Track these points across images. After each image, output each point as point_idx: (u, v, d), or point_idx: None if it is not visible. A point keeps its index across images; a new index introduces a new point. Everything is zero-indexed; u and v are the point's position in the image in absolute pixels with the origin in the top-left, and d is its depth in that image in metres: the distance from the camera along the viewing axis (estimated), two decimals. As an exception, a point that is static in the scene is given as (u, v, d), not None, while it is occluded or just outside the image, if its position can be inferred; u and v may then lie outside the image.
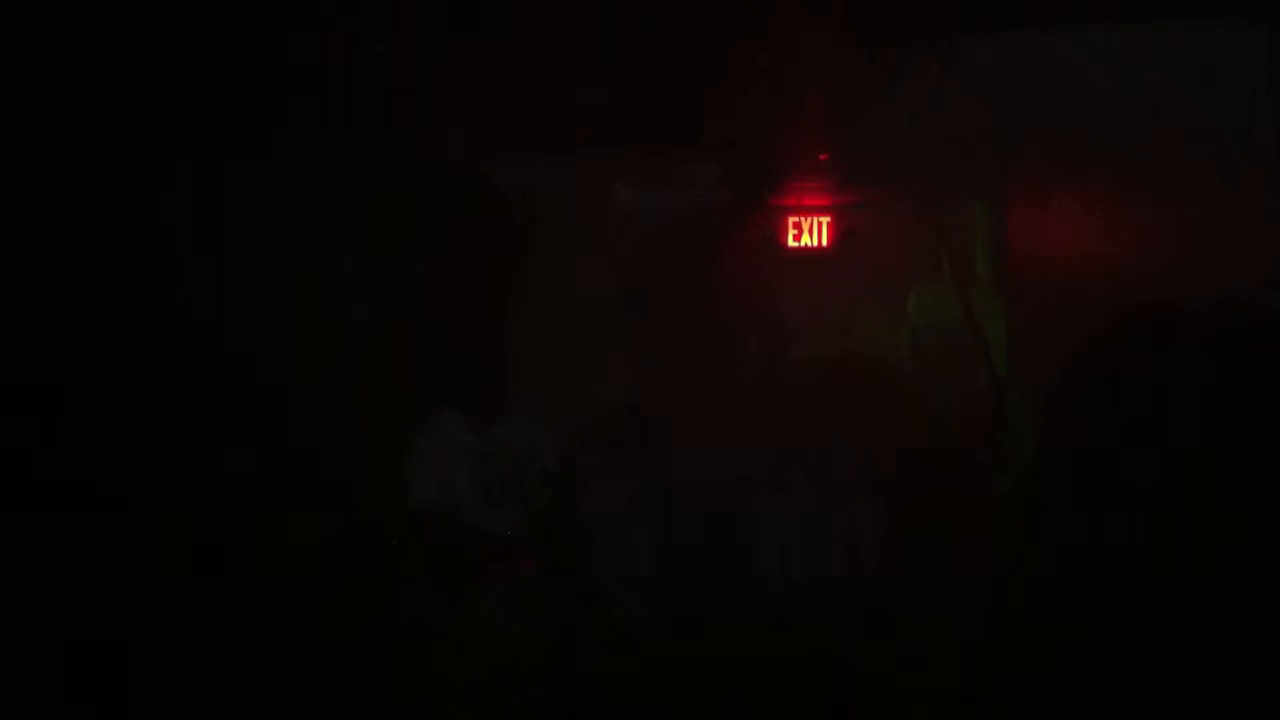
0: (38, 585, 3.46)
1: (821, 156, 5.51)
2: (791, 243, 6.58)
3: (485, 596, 3.91)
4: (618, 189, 5.72)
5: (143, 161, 3.87)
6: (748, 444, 4.90)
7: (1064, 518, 3.38)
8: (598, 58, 3.95)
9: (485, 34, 3.85)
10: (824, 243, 6.53)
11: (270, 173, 4.22)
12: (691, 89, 4.14)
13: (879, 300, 6.28)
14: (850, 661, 3.85)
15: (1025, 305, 5.28)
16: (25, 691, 3.39)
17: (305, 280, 4.40)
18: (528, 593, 3.93)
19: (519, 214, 5.49)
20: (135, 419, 3.76)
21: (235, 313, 4.14)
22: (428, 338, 4.71)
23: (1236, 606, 3.15)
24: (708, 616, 4.19)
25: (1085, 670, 3.31)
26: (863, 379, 5.28)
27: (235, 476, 3.99)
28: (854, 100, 4.42)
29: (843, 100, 4.42)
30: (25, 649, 3.40)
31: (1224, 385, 3.22)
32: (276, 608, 3.92)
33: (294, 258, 4.35)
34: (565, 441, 4.24)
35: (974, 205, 6.01)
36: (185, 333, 3.99)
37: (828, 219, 6.57)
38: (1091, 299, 4.30)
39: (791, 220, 6.61)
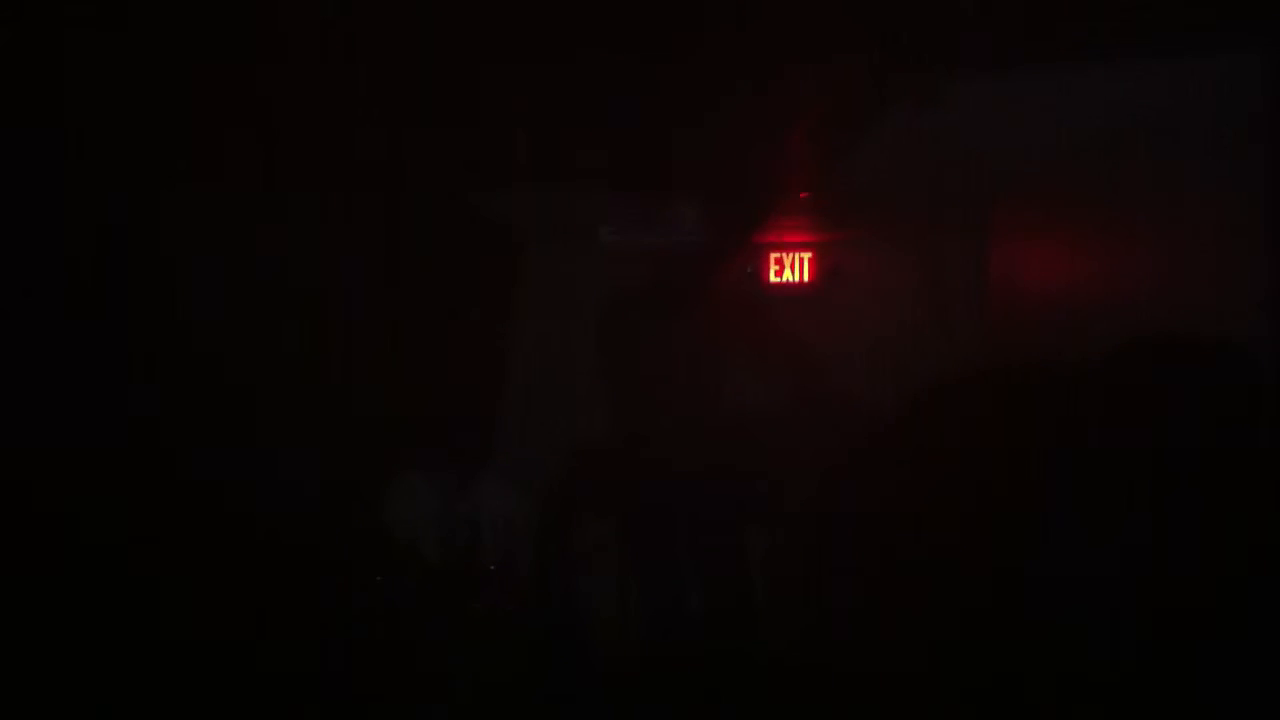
0: (28, 589, 3.48)
1: (802, 194, 5.51)
2: (773, 279, 6.57)
3: (465, 628, 3.91)
4: (600, 229, 5.70)
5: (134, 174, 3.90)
6: (731, 478, 4.88)
7: (1064, 529, 3.40)
8: (577, 97, 3.97)
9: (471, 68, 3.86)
10: (805, 278, 6.52)
11: (258, 197, 4.23)
12: (671, 128, 4.16)
13: (861, 335, 6.24)
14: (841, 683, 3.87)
15: (1007, 339, 5.27)
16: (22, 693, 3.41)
17: (294, 303, 4.40)
18: (507, 626, 3.93)
19: (509, 250, 5.48)
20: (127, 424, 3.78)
21: (225, 328, 4.15)
22: (413, 370, 4.69)
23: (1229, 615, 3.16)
24: (689, 648, 4.18)
25: (1084, 673, 3.31)
26: (846, 413, 5.26)
27: (223, 487, 4.00)
28: (834, 137, 4.43)
29: (823, 137, 4.44)
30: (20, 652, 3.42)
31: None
32: (264, 615, 3.93)
33: (284, 279, 4.35)
34: (543, 490, 4.25)
35: (956, 240, 5.98)
36: (177, 343, 4.00)
37: (809, 255, 6.56)
38: (1075, 332, 4.30)
39: (773, 256, 6.60)
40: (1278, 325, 3.54)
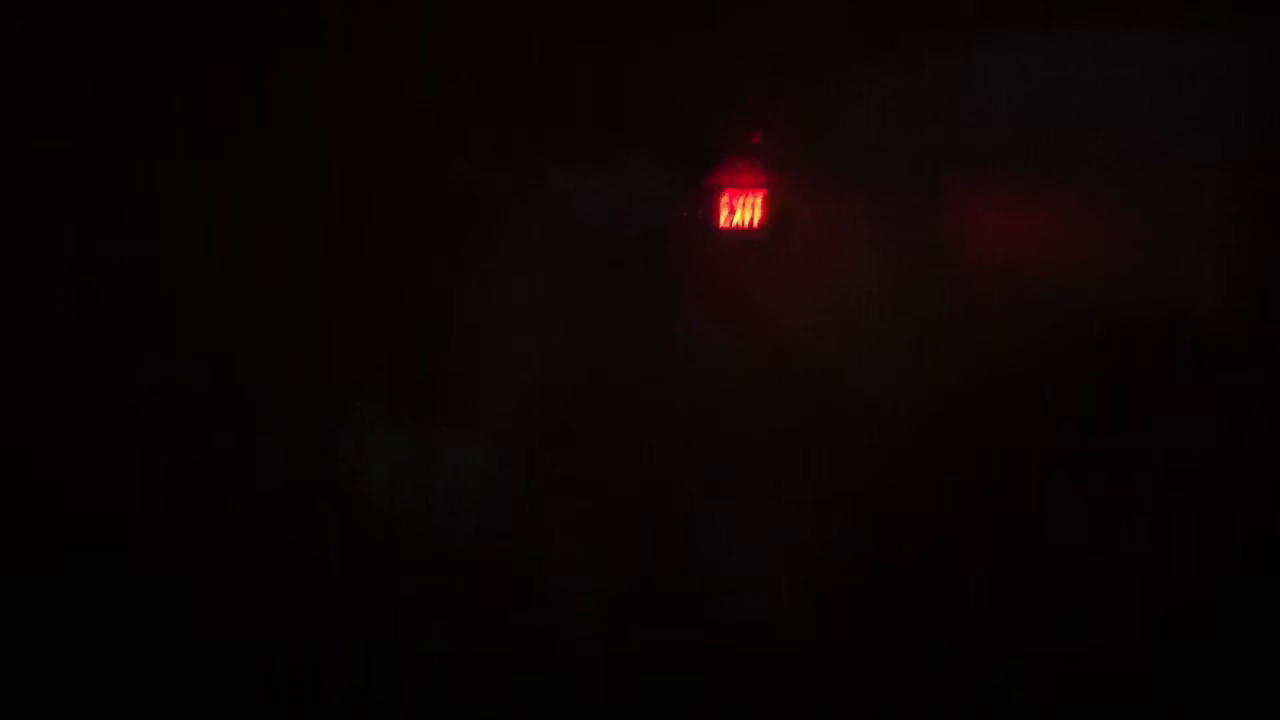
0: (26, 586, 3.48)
1: (755, 139, 5.51)
2: (724, 221, 6.56)
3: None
4: (555, 181, 5.65)
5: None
6: (696, 445, 4.88)
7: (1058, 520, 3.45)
8: (535, 48, 3.92)
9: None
10: (757, 221, 6.51)
11: (230, 169, 4.20)
12: (627, 76, 4.13)
13: (813, 282, 6.25)
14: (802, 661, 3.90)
15: (971, 301, 5.30)
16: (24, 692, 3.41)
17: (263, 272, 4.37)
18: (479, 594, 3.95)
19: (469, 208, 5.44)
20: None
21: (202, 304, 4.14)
22: (373, 334, 4.67)
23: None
24: (657, 626, 4.20)
25: (1085, 677, 3.38)
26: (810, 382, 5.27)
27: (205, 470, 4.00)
28: (793, 87, 4.42)
29: (780, 85, 4.42)
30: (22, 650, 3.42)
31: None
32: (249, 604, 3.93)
33: (252, 249, 4.32)
34: (509, 450, 4.23)
35: (917, 197, 5.98)
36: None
37: (761, 197, 6.55)
38: (1040, 298, 4.33)
39: (724, 199, 6.58)
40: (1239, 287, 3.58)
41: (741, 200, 6.39)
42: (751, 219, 6.35)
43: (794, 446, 4.67)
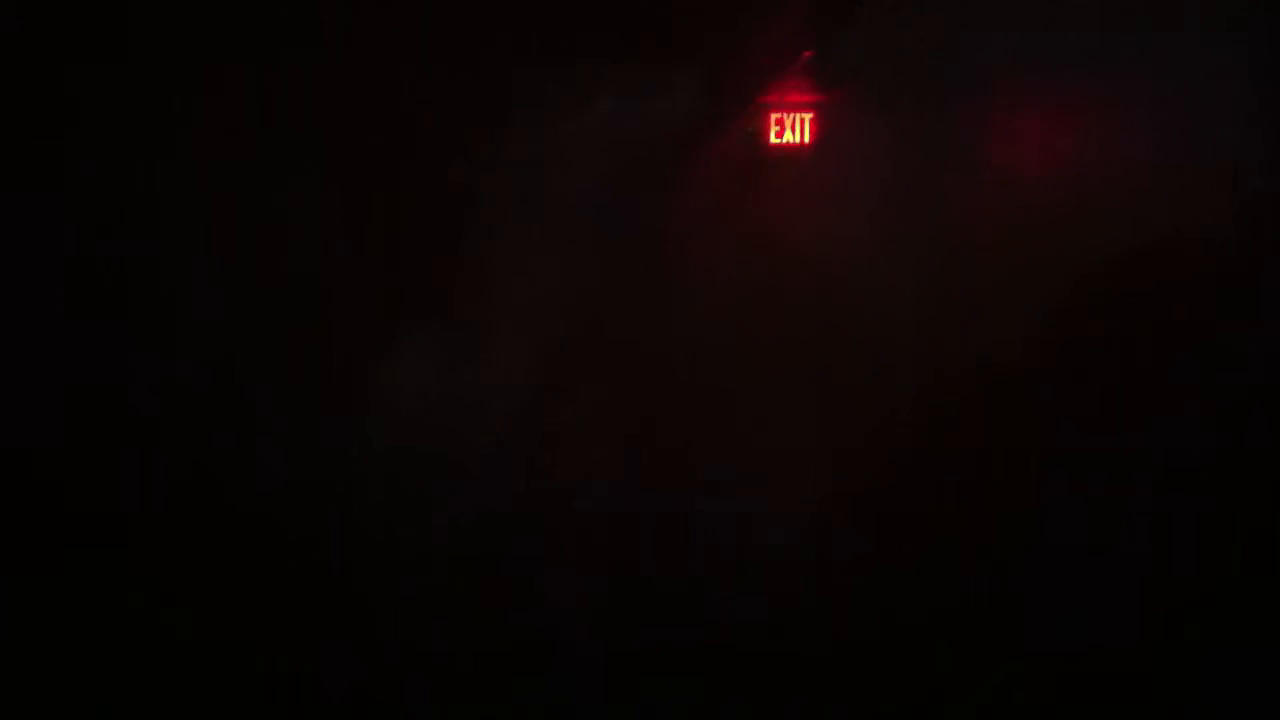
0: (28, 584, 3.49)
1: (805, 54, 5.55)
2: (774, 140, 6.49)
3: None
4: (595, 99, 5.55)
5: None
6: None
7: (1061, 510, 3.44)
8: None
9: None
10: (806, 140, 6.44)
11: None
12: None
13: (859, 200, 6.17)
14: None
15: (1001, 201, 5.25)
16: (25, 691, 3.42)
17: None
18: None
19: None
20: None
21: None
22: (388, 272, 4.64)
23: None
24: (657, 626, 4.17)
25: (1084, 671, 3.37)
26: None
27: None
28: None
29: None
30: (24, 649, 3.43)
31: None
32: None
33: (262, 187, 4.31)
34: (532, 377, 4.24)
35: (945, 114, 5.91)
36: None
37: (810, 115, 6.48)
38: (1060, 224, 4.33)
39: (774, 117, 6.50)
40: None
41: (789, 120, 6.31)
42: (800, 139, 6.28)
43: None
